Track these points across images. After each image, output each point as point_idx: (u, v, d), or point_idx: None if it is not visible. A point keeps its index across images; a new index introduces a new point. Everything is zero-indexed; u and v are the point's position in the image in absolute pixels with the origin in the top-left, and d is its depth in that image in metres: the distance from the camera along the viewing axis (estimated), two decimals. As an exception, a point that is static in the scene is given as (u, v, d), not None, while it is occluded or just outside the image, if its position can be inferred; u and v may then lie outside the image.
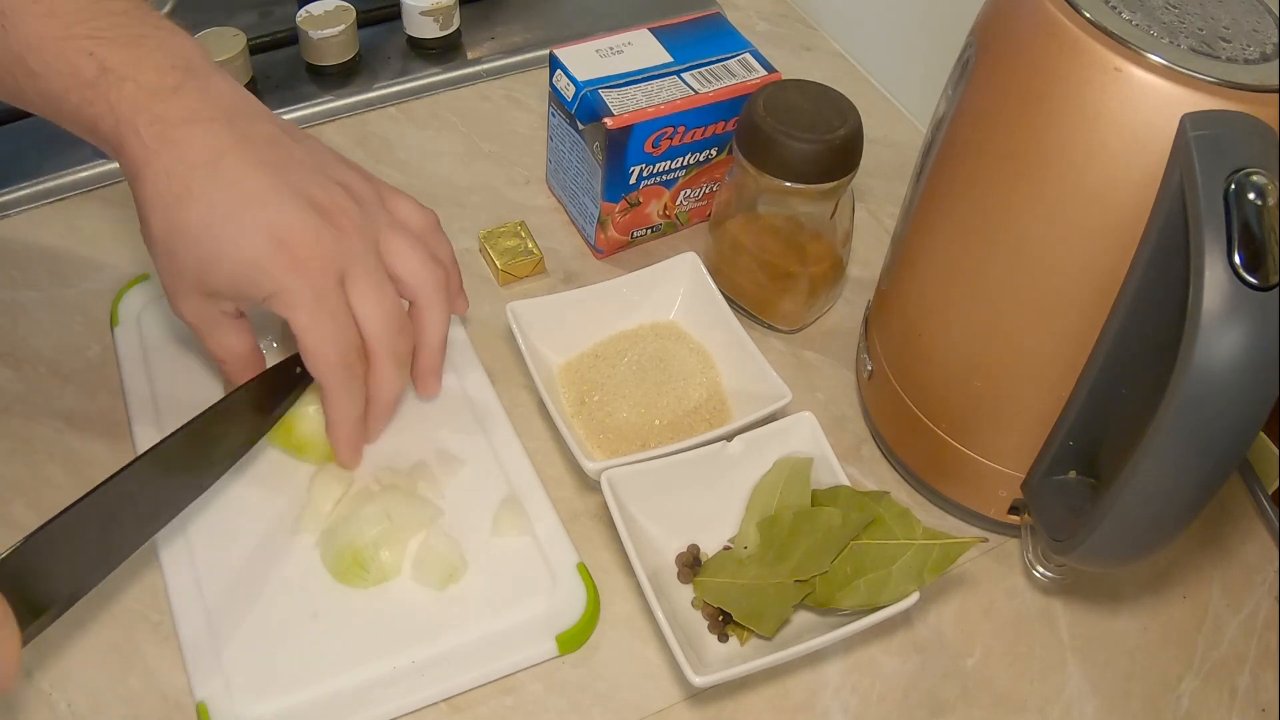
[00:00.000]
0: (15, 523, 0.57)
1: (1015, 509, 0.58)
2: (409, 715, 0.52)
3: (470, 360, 0.65)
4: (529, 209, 0.75)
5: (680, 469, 0.57)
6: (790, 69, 0.79)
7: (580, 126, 0.67)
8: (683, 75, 0.68)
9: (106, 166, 0.74)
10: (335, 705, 0.51)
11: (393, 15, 0.85)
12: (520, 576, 0.56)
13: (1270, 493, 0.63)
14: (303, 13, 0.81)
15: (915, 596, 0.52)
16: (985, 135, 0.50)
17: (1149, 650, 0.57)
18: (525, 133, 0.80)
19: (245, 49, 0.78)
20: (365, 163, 0.77)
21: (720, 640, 0.54)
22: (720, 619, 0.54)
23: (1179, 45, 0.44)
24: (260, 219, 0.50)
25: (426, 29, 0.84)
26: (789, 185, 0.63)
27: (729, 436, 0.58)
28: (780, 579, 0.53)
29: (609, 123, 0.64)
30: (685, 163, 0.69)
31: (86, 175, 0.74)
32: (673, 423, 0.62)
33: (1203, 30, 0.45)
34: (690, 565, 0.56)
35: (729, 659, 0.53)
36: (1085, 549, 0.49)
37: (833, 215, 0.65)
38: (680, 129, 0.67)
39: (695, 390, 0.63)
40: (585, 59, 0.68)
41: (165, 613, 0.54)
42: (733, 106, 0.67)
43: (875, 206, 0.78)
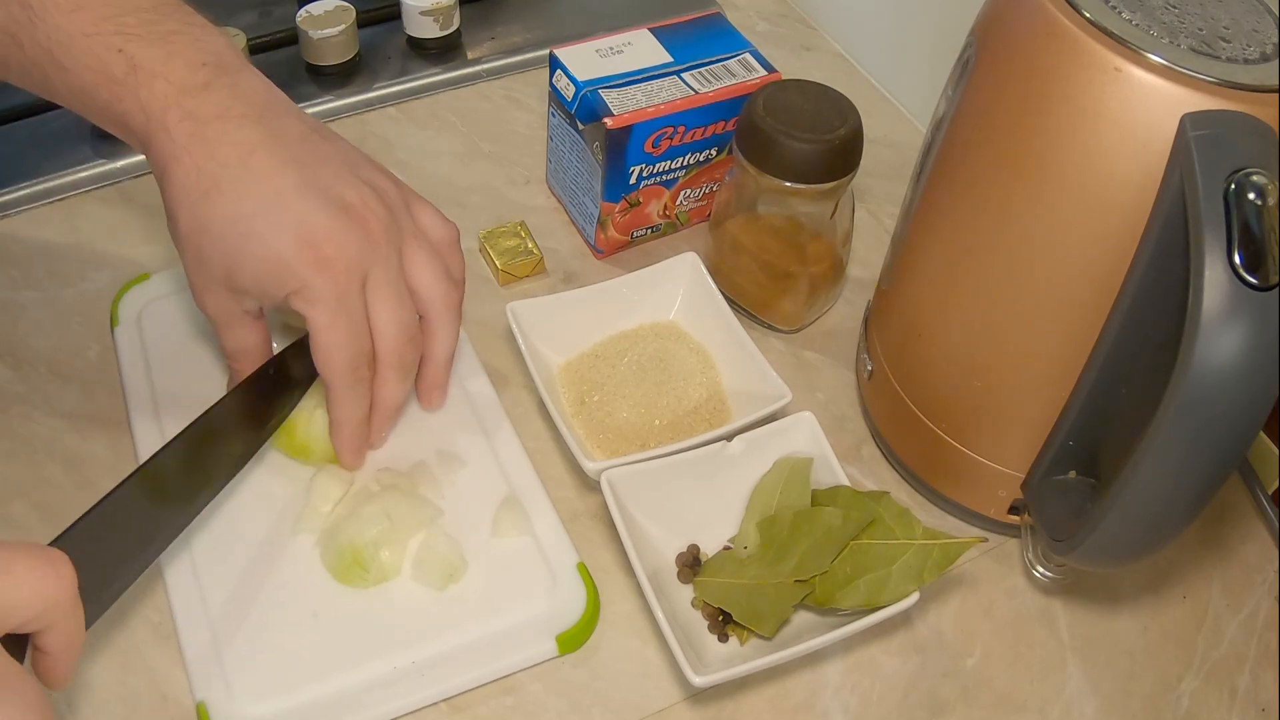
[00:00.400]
0: (15, 523, 0.57)
1: (1015, 509, 0.58)
2: (409, 715, 0.52)
3: (470, 360, 0.65)
4: (529, 209, 0.75)
5: (680, 469, 0.57)
6: (790, 69, 0.79)
7: (580, 126, 0.67)
8: (683, 75, 0.68)
9: (106, 166, 0.74)
10: (335, 705, 0.51)
11: (393, 15, 0.85)
12: (520, 576, 0.56)
13: (1270, 493, 0.63)
14: (303, 13, 0.81)
15: (915, 596, 0.52)
16: (985, 135, 0.50)
17: (1149, 650, 0.57)
18: (525, 133, 0.80)
19: (245, 49, 0.78)
20: (365, 163, 0.77)
21: (720, 640, 0.54)
22: (720, 619, 0.54)
23: (1179, 45, 0.44)
24: (288, 217, 0.49)
25: (426, 29, 0.84)
26: (789, 185, 0.63)
27: (729, 436, 0.58)
28: (780, 579, 0.53)
29: (609, 123, 0.64)
30: (685, 163, 0.69)
31: (86, 175, 0.74)
32: (673, 423, 0.62)
33: (1203, 30, 0.45)
34: (690, 565, 0.56)
35: (729, 659, 0.53)
36: (1085, 549, 0.49)
37: (833, 215, 0.65)
38: (680, 129, 0.67)
39: (695, 390, 0.63)
40: (585, 59, 0.68)
41: (165, 613, 0.54)
42: (733, 106, 0.67)
43: (875, 206, 0.78)
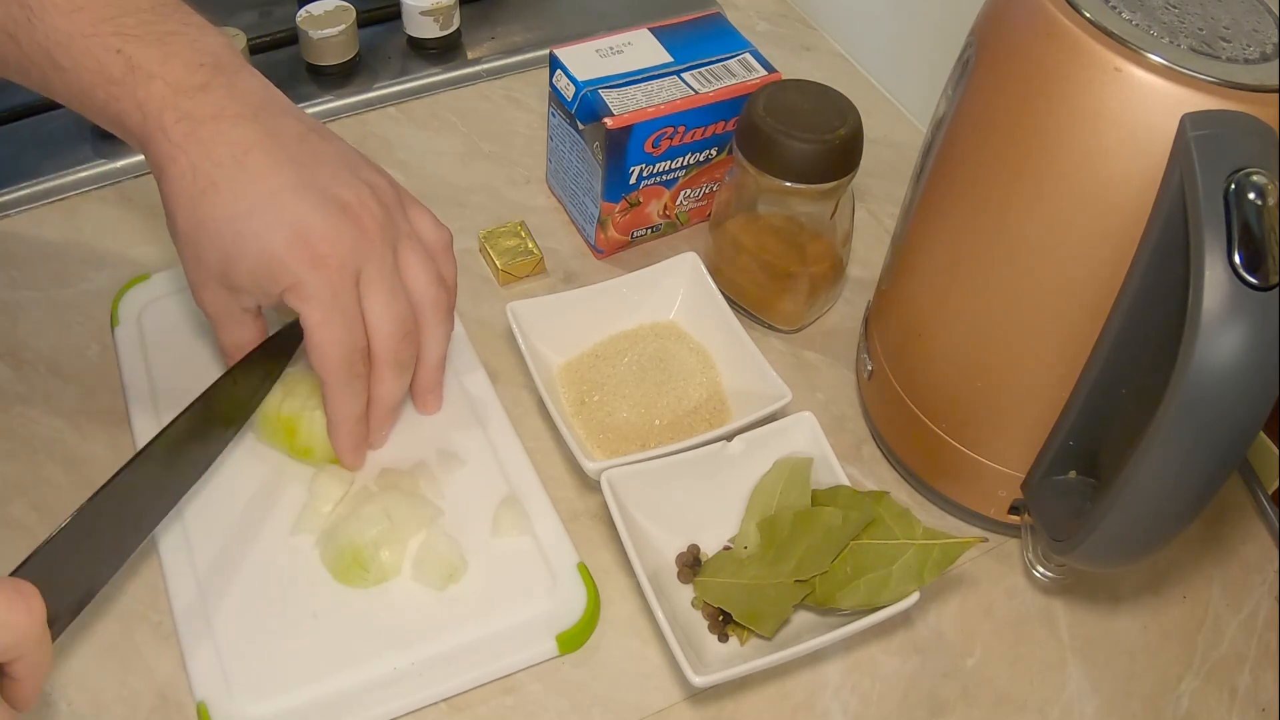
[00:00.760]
0: (15, 523, 0.57)
1: (1015, 509, 0.58)
2: (409, 715, 0.52)
3: (470, 360, 0.65)
4: (529, 209, 0.75)
5: (680, 469, 0.57)
6: (790, 69, 0.79)
7: (580, 126, 0.67)
8: (683, 75, 0.68)
9: (106, 166, 0.74)
10: (335, 705, 0.51)
11: (393, 15, 0.85)
12: (520, 576, 0.56)
13: (1270, 493, 0.63)
14: (303, 13, 0.81)
15: (915, 596, 0.52)
16: (985, 135, 0.50)
17: (1149, 650, 0.57)
18: (525, 133, 0.80)
19: (245, 49, 0.78)
20: (365, 163, 0.77)
21: (720, 640, 0.54)
22: (720, 619, 0.54)
23: (1179, 45, 0.44)
24: (284, 214, 0.50)
25: (426, 29, 0.84)
26: (789, 185, 0.63)
27: (729, 436, 0.58)
28: (780, 579, 0.53)
29: (609, 123, 0.64)
30: (685, 163, 0.69)
31: (86, 175, 0.74)
32: (673, 423, 0.62)
33: (1203, 30, 0.45)
34: (690, 565, 0.56)
35: (729, 659, 0.53)
36: (1085, 549, 0.49)
37: (833, 215, 0.65)
38: (680, 129, 0.67)
39: (695, 390, 0.63)
40: (585, 59, 0.68)
41: (165, 613, 0.54)
42: (733, 106, 0.67)
43: (875, 206, 0.78)
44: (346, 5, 0.81)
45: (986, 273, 0.51)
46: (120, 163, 0.74)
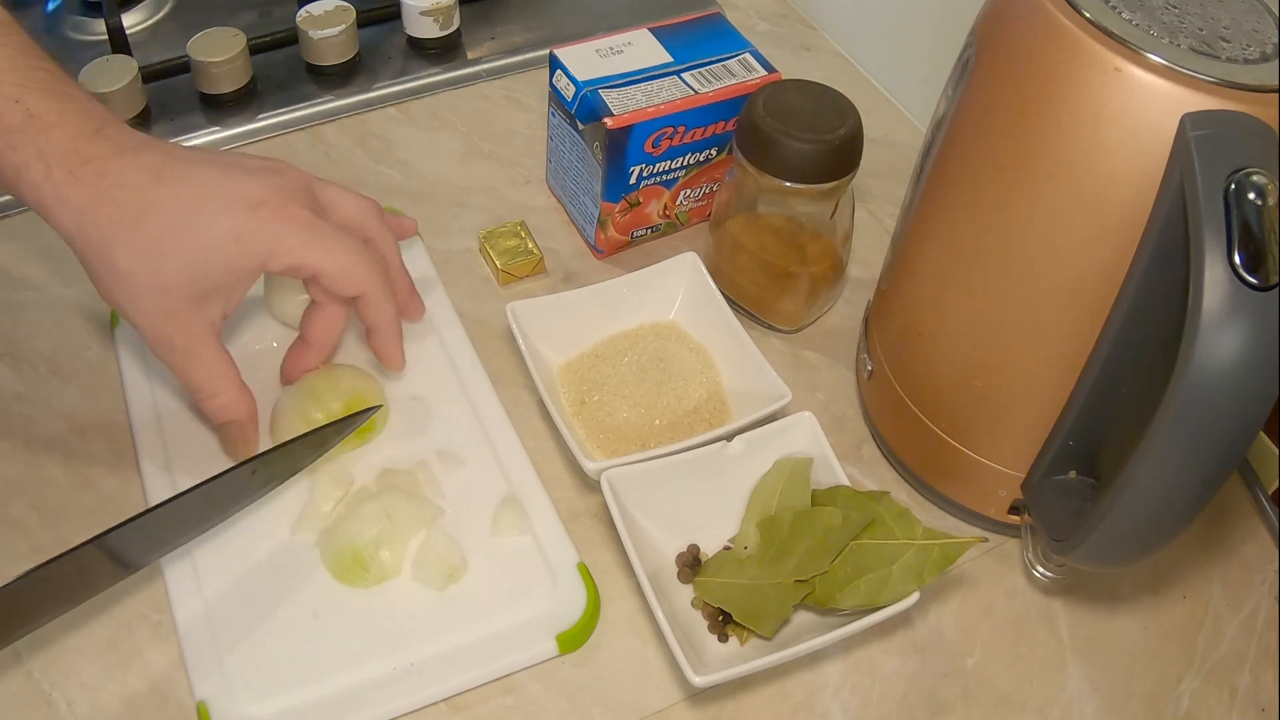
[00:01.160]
0: (15, 523, 0.57)
1: (1015, 509, 0.58)
2: (409, 715, 0.52)
3: (470, 360, 0.65)
4: (529, 209, 0.75)
5: (680, 469, 0.57)
6: (790, 69, 0.79)
7: (580, 126, 0.67)
8: (683, 75, 0.68)
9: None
10: (335, 705, 0.51)
11: (393, 15, 0.85)
12: (520, 576, 0.56)
13: (1270, 493, 0.63)
14: (303, 13, 0.81)
15: (915, 596, 0.52)
16: (985, 135, 0.50)
17: (1149, 650, 0.57)
18: (525, 133, 0.80)
19: (245, 49, 0.78)
20: (365, 163, 0.77)
21: (720, 640, 0.54)
22: (720, 619, 0.54)
23: (1179, 45, 0.44)
24: (227, 195, 0.52)
25: (426, 29, 0.84)
26: (789, 185, 0.63)
27: (729, 436, 0.58)
28: (780, 579, 0.53)
29: (609, 123, 0.64)
30: (685, 163, 0.69)
31: (86, 175, 0.73)
32: (673, 423, 0.62)
33: (1203, 30, 0.45)
34: (690, 565, 0.56)
35: (729, 659, 0.53)
36: (1085, 549, 0.49)
37: (833, 215, 0.65)
38: (680, 129, 0.67)
39: (695, 390, 0.63)
40: (585, 59, 0.68)
41: (165, 612, 0.54)
42: (733, 106, 0.67)
43: (875, 206, 0.78)
44: (346, 5, 0.81)
45: (986, 273, 0.51)
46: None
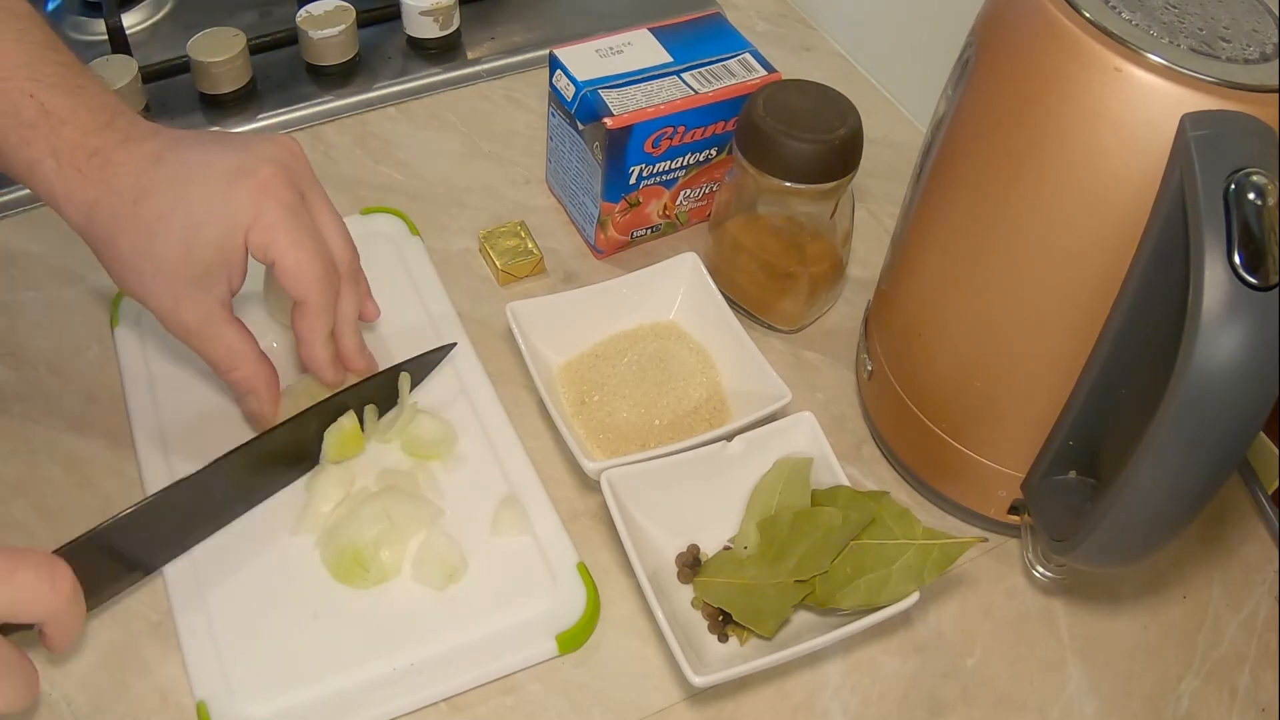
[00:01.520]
0: (15, 523, 0.57)
1: (1015, 509, 0.58)
2: (409, 715, 0.52)
3: (470, 360, 0.65)
4: (529, 209, 0.75)
5: (680, 469, 0.57)
6: (790, 69, 0.79)
7: (580, 126, 0.67)
8: (683, 75, 0.68)
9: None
10: (335, 705, 0.51)
11: (393, 15, 0.85)
12: (520, 576, 0.56)
13: (1270, 493, 0.63)
14: (303, 13, 0.81)
15: (915, 596, 0.52)
16: (985, 135, 0.50)
17: (1149, 650, 0.57)
18: (525, 133, 0.80)
19: (245, 49, 0.78)
20: (365, 163, 0.77)
21: (720, 640, 0.54)
22: (720, 619, 0.54)
23: (1179, 45, 0.44)
24: (218, 170, 0.52)
25: (426, 29, 0.84)
26: (789, 185, 0.63)
27: (729, 436, 0.58)
28: (780, 579, 0.53)
29: (609, 123, 0.64)
30: (685, 163, 0.69)
31: (86, 175, 0.73)
32: (673, 423, 0.62)
33: (1203, 30, 0.45)
34: (690, 565, 0.56)
35: (729, 659, 0.53)
36: (1085, 549, 0.49)
37: (833, 215, 0.65)
38: (680, 129, 0.67)
39: (695, 390, 0.63)
40: (585, 59, 0.68)
41: (165, 613, 0.54)
42: (733, 106, 0.67)
43: (875, 206, 0.78)
44: (346, 5, 0.81)
45: (986, 272, 0.51)
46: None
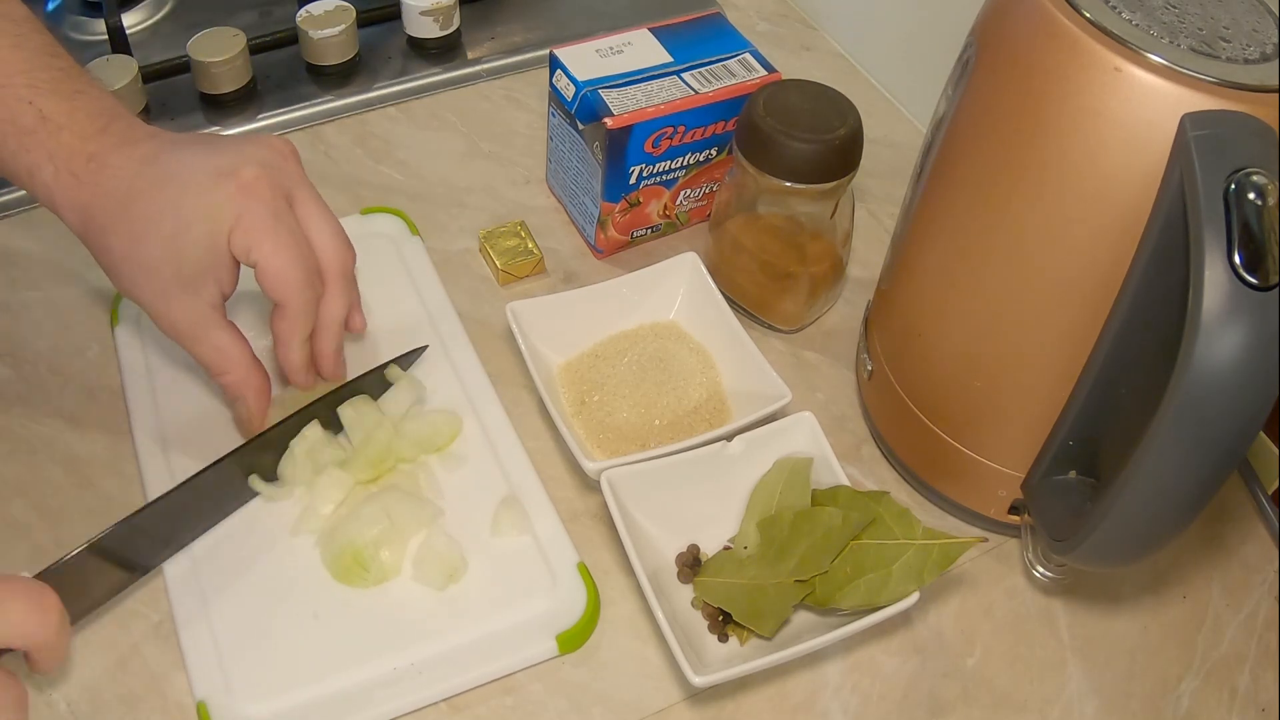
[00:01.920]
0: (15, 523, 0.57)
1: (1015, 509, 0.58)
2: (409, 715, 0.52)
3: (470, 360, 0.65)
4: (529, 209, 0.75)
5: (680, 469, 0.57)
6: (790, 69, 0.79)
7: (580, 126, 0.67)
8: (683, 75, 0.68)
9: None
10: (335, 705, 0.51)
11: (393, 15, 0.85)
12: (520, 576, 0.56)
13: (1270, 493, 0.63)
14: (303, 13, 0.81)
15: (915, 596, 0.52)
16: (985, 135, 0.50)
17: (1149, 650, 0.57)
18: (525, 133, 0.80)
19: (245, 49, 0.78)
20: (365, 163, 0.77)
21: (720, 640, 0.54)
22: (720, 619, 0.54)
23: (1179, 45, 0.44)
24: (204, 171, 0.52)
25: (426, 29, 0.84)
26: (789, 185, 0.63)
27: (729, 436, 0.58)
28: (780, 579, 0.53)
29: (609, 123, 0.64)
30: (685, 163, 0.69)
31: (86, 175, 0.73)
32: (673, 423, 0.62)
33: (1203, 30, 0.45)
34: (690, 565, 0.56)
35: (729, 659, 0.53)
36: (1085, 549, 0.49)
37: (833, 215, 0.65)
38: (680, 129, 0.67)
39: (695, 390, 0.63)
40: (585, 59, 0.68)
41: (165, 613, 0.54)
42: (733, 106, 0.67)
43: (875, 206, 0.78)
44: (346, 5, 0.81)
45: (986, 272, 0.51)
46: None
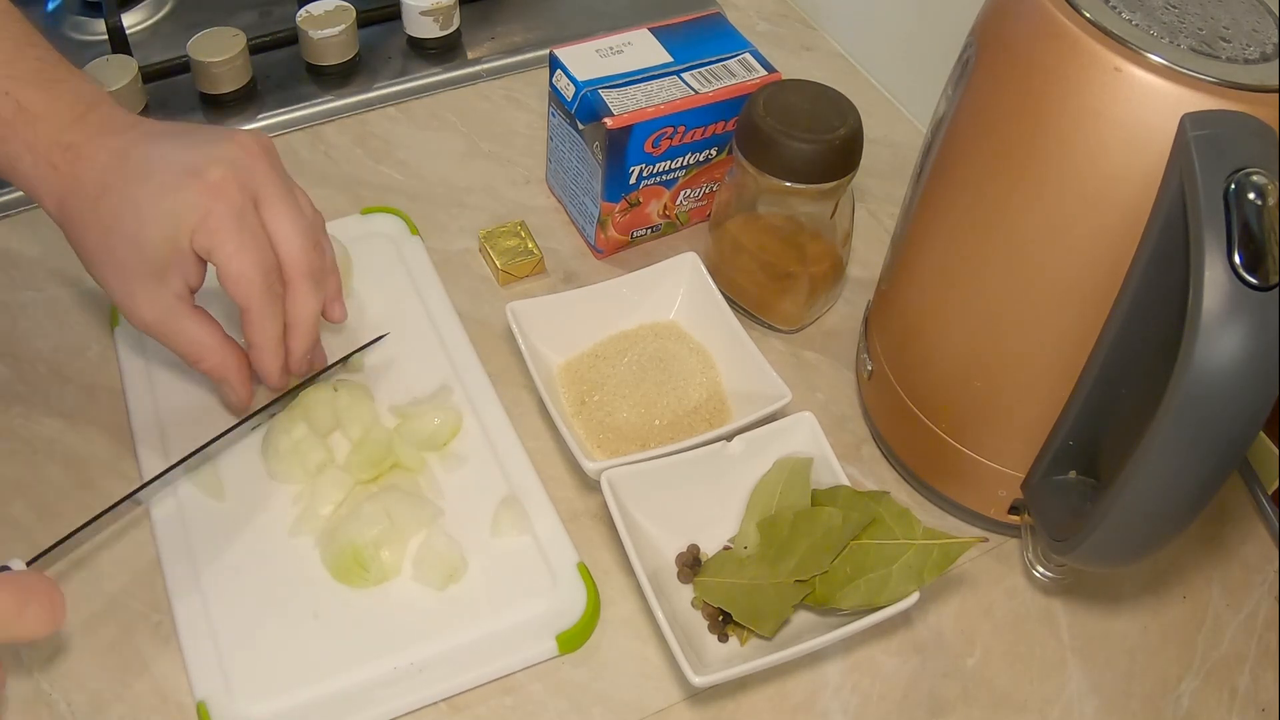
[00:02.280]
0: (15, 523, 0.57)
1: (1015, 509, 0.58)
2: (409, 715, 0.52)
3: (470, 360, 0.65)
4: (529, 209, 0.75)
5: (680, 469, 0.57)
6: (790, 69, 0.79)
7: (580, 126, 0.67)
8: (683, 75, 0.68)
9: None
10: (335, 705, 0.51)
11: (393, 15, 0.85)
12: (520, 576, 0.56)
13: (1270, 493, 0.63)
14: (303, 13, 0.81)
15: (915, 596, 0.52)
16: (985, 135, 0.50)
17: (1149, 650, 0.57)
18: (525, 133, 0.80)
19: (245, 49, 0.78)
20: (365, 163, 0.77)
21: (720, 640, 0.54)
22: (720, 619, 0.54)
23: (1179, 45, 0.44)
24: (172, 166, 0.52)
25: (426, 29, 0.84)
26: (789, 185, 0.63)
27: (729, 436, 0.58)
28: (780, 579, 0.53)
29: (609, 123, 0.64)
30: (685, 163, 0.69)
31: (86, 175, 0.73)
32: (673, 423, 0.62)
33: (1203, 30, 0.45)
34: (690, 565, 0.56)
35: (729, 659, 0.53)
36: (1085, 549, 0.49)
37: (833, 215, 0.65)
38: (680, 129, 0.67)
39: (695, 390, 0.63)
40: (585, 59, 0.68)
41: (165, 613, 0.54)
42: (733, 106, 0.67)
43: (875, 206, 0.78)
44: (346, 5, 0.81)
45: (986, 272, 0.51)
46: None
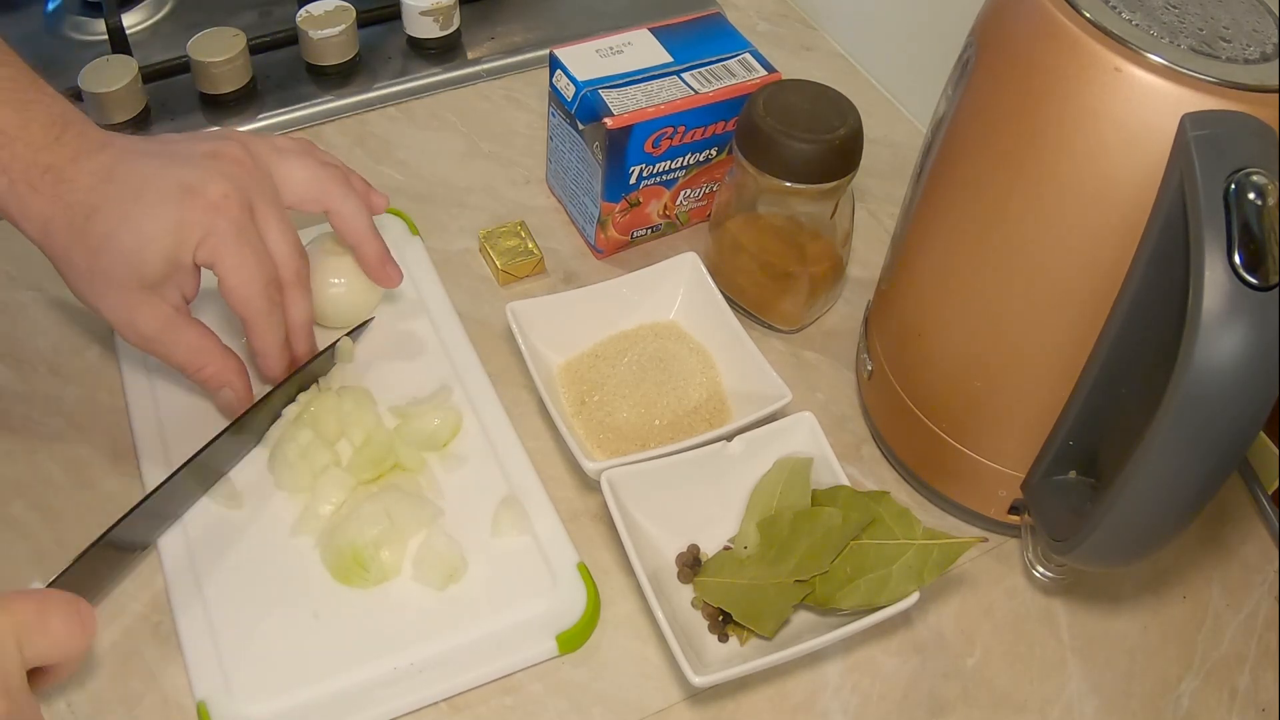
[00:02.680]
0: (15, 523, 0.57)
1: (1015, 509, 0.58)
2: (409, 715, 0.52)
3: (470, 360, 0.65)
4: (529, 209, 0.75)
5: (680, 469, 0.57)
6: (790, 69, 0.79)
7: (580, 126, 0.67)
8: (683, 75, 0.68)
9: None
10: (335, 705, 0.51)
11: (393, 15, 0.85)
12: (520, 576, 0.56)
13: (1270, 493, 0.63)
14: (303, 13, 0.81)
15: (915, 596, 0.52)
16: (985, 135, 0.50)
17: (1149, 650, 0.57)
18: (525, 133, 0.80)
19: (245, 49, 0.78)
20: (365, 162, 0.77)
21: (720, 640, 0.54)
22: (720, 619, 0.54)
23: (1179, 45, 0.44)
24: (166, 185, 0.53)
25: (426, 29, 0.84)
26: (789, 185, 0.63)
27: (729, 436, 0.58)
28: (780, 579, 0.53)
29: (609, 123, 0.64)
30: (685, 163, 0.69)
31: (86, 175, 0.73)
32: (673, 423, 0.62)
33: (1203, 30, 0.45)
34: (690, 565, 0.56)
35: (729, 659, 0.53)
36: (1085, 549, 0.49)
37: (833, 215, 0.65)
38: (680, 129, 0.67)
39: (695, 390, 0.63)
40: (585, 59, 0.68)
41: (165, 613, 0.54)
42: (733, 106, 0.67)
43: (875, 206, 0.78)
44: (346, 5, 0.81)
45: (986, 272, 0.51)
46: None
